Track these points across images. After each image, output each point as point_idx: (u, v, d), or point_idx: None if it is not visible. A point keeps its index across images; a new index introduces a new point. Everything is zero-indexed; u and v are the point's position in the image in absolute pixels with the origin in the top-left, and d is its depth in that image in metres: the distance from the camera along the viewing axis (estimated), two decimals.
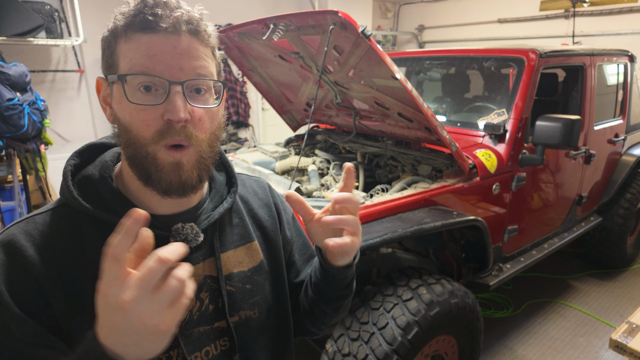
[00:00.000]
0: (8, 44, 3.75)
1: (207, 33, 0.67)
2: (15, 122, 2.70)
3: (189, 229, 0.72)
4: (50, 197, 3.43)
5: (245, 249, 0.83)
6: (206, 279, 0.76)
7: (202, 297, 0.75)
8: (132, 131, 0.63)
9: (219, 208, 0.79)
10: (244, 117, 6.02)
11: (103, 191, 0.70)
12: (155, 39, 0.62)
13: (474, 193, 2.15)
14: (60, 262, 0.65)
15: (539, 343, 2.68)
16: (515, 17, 6.23)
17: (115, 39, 0.64)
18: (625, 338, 1.56)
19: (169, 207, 0.73)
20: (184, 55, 0.63)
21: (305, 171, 2.54)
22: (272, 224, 0.90)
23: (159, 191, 0.66)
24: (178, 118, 0.62)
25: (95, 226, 0.68)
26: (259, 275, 0.83)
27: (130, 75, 0.62)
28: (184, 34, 0.63)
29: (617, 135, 3.19)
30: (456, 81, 2.92)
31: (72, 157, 0.74)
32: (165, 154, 0.64)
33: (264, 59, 2.50)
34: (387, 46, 7.65)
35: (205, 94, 0.67)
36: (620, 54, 3.13)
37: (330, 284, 0.80)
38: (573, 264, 3.66)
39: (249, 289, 0.81)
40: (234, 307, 0.78)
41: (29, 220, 0.68)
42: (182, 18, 0.63)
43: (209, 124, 0.68)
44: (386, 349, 1.60)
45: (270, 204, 0.92)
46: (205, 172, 0.69)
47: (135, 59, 0.62)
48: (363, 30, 1.61)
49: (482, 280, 2.33)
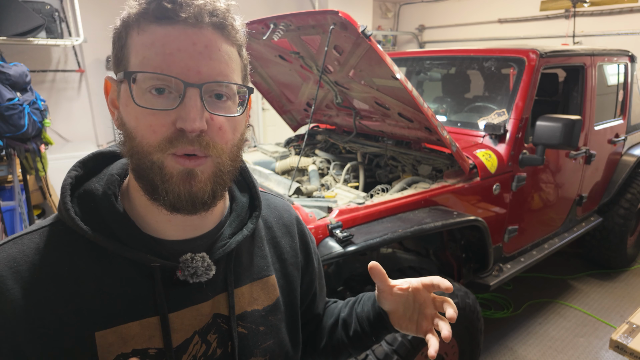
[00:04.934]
0: (8, 44, 3.75)
1: (234, 29, 0.57)
2: (16, 122, 2.70)
3: (199, 260, 0.62)
4: (50, 197, 3.43)
5: (262, 284, 0.73)
6: (215, 317, 0.66)
7: (210, 339, 0.65)
8: (136, 138, 0.55)
9: (237, 235, 0.68)
10: None
11: (104, 211, 0.60)
12: (173, 32, 0.53)
13: (474, 193, 2.14)
14: (43, 297, 0.56)
15: (539, 343, 2.68)
16: (515, 17, 6.22)
17: (127, 29, 0.55)
18: (625, 338, 1.56)
19: (180, 230, 0.63)
20: (204, 54, 0.54)
21: (305, 171, 2.54)
22: (292, 256, 0.79)
23: (166, 206, 0.56)
24: (192, 128, 0.53)
25: (92, 251, 0.60)
26: (274, 315, 0.73)
27: (140, 73, 0.53)
28: (206, 28, 0.54)
29: (618, 136, 3.19)
30: (456, 81, 2.92)
31: (74, 168, 0.64)
32: (174, 162, 0.54)
33: (264, 59, 2.50)
34: (387, 46, 7.65)
35: (228, 101, 0.57)
36: (620, 54, 3.12)
37: (380, 338, 0.81)
38: (573, 264, 3.66)
39: (262, 332, 0.71)
40: (245, 352, 0.68)
41: (17, 241, 0.59)
42: (206, 8, 0.53)
43: (231, 135, 0.58)
44: (386, 349, 1.60)
45: (294, 231, 0.82)
46: (221, 189, 0.60)
47: (147, 55, 0.53)
48: (363, 30, 1.61)
49: (483, 281, 2.33)
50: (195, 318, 0.64)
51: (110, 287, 0.59)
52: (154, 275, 0.61)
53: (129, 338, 0.59)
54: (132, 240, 0.60)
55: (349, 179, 2.31)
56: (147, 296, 0.61)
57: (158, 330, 0.61)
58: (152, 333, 0.61)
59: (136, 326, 0.60)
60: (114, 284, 0.60)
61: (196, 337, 0.64)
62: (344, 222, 1.65)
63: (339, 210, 1.70)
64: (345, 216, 1.69)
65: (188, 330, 0.63)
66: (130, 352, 0.59)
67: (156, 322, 0.61)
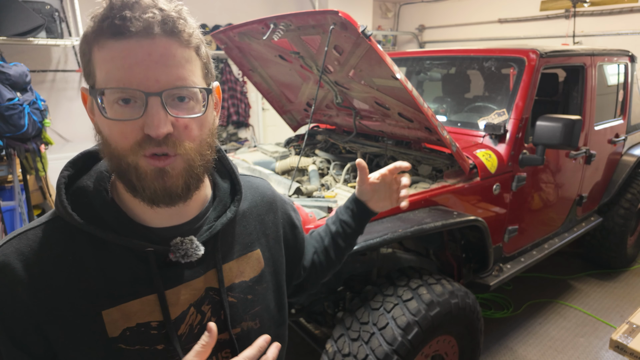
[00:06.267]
0: (8, 44, 3.75)
1: (187, 33, 0.60)
2: (16, 122, 2.70)
3: (188, 243, 0.68)
4: (50, 197, 3.44)
5: (247, 258, 0.81)
6: (208, 291, 0.74)
7: (204, 309, 0.73)
8: (111, 144, 0.60)
9: (221, 218, 0.75)
10: (244, 117, 6.02)
11: (97, 204, 0.66)
12: (128, 46, 0.56)
13: (475, 193, 2.14)
14: (54, 283, 0.63)
15: (539, 343, 2.68)
16: (515, 17, 6.23)
17: (89, 46, 0.59)
18: (625, 338, 1.56)
19: (167, 218, 0.69)
20: (159, 63, 0.57)
21: (305, 171, 2.54)
22: (274, 231, 0.88)
23: (145, 200, 0.63)
24: (156, 134, 0.58)
25: (91, 242, 0.66)
26: (260, 284, 0.82)
27: (106, 89, 0.58)
28: (159, 37, 0.57)
29: (618, 136, 3.19)
30: (456, 81, 2.92)
31: (65, 168, 0.70)
32: (146, 162, 0.60)
33: (264, 59, 2.50)
34: (387, 46, 7.65)
35: (190, 102, 0.62)
36: (620, 54, 3.12)
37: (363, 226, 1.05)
38: (573, 264, 3.66)
39: (250, 300, 0.79)
40: (236, 318, 0.77)
41: (22, 236, 0.65)
42: (155, 19, 0.56)
43: (198, 132, 0.63)
44: (386, 349, 1.60)
45: (276, 207, 0.90)
46: (195, 182, 0.65)
47: (110, 71, 0.57)
48: (363, 30, 1.61)
49: (483, 281, 2.33)
50: (190, 293, 0.72)
51: (111, 272, 0.66)
52: (148, 259, 0.67)
53: (131, 314, 0.66)
54: (125, 230, 0.66)
55: (349, 179, 2.31)
56: (145, 277, 0.67)
57: (157, 306, 0.68)
58: (152, 308, 0.68)
59: (137, 304, 0.67)
60: (114, 269, 0.66)
61: (192, 309, 0.72)
62: None
63: None
64: None
65: (184, 303, 0.71)
66: (135, 326, 0.66)
67: (155, 299, 0.68)
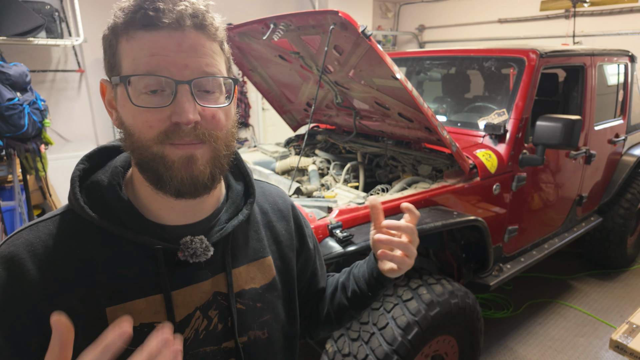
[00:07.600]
0: (8, 44, 3.75)
1: (214, 26, 0.62)
2: (16, 122, 2.70)
3: (198, 242, 0.68)
4: (50, 197, 3.43)
5: (259, 264, 0.79)
6: (216, 295, 0.72)
7: (211, 315, 0.71)
8: (134, 134, 0.60)
9: (233, 220, 0.74)
10: (244, 117, 6.02)
11: (110, 200, 0.66)
12: (158, 37, 0.58)
13: (474, 193, 2.14)
14: (61, 277, 0.62)
15: (539, 343, 2.68)
16: (515, 17, 6.22)
17: (117, 37, 0.60)
18: (625, 338, 1.56)
19: (181, 216, 0.69)
20: (189, 53, 0.59)
21: (305, 171, 2.54)
22: (288, 239, 0.86)
23: (171, 192, 0.62)
24: (186, 120, 0.58)
25: (100, 236, 0.65)
26: (270, 293, 0.79)
27: (134, 77, 0.58)
28: (188, 29, 0.59)
29: (618, 136, 3.19)
30: (456, 81, 2.92)
31: (81, 162, 0.70)
32: (173, 150, 0.60)
33: (264, 59, 2.50)
34: (387, 46, 7.65)
35: (215, 93, 0.63)
36: (620, 54, 3.12)
37: (377, 293, 0.85)
38: (573, 264, 3.66)
39: (259, 308, 0.77)
40: (244, 326, 0.74)
41: (33, 228, 0.65)
42: (186, 12, 0.58)
43: (225, 121, 0.64)
44: (386, 349, 1.60)
45: (289, 216, 0.88)
46: (220, 172, 0.66)
47: (138, 59, 0.58)
48: (363, 30, 1.61)
49: (483, 281, 2.33)
50: (197, 295, 0.70)
51: (118, 268, 0.65)
52: (157, 256, 0.66)
53: (136, 313, 0.65)
54: (136, 226, 0.66)
55: (349, 179, 2.32)
56: (152, 276, 0.66)
57: (162, 307, 0.67)
58: (157, 309, 0.66)
59: (142, 303, 0.65)
60: (122, 265, 0.65)
61: (197, 313, 0.70)
62: (344, 222, 1.65)
63: (339, 210, 1.70)
64: (345, 216, 1.69)
65: (190, 306, 0.69)
66: (138, 326, 0.65)
67: (160, 299, 0.67)
